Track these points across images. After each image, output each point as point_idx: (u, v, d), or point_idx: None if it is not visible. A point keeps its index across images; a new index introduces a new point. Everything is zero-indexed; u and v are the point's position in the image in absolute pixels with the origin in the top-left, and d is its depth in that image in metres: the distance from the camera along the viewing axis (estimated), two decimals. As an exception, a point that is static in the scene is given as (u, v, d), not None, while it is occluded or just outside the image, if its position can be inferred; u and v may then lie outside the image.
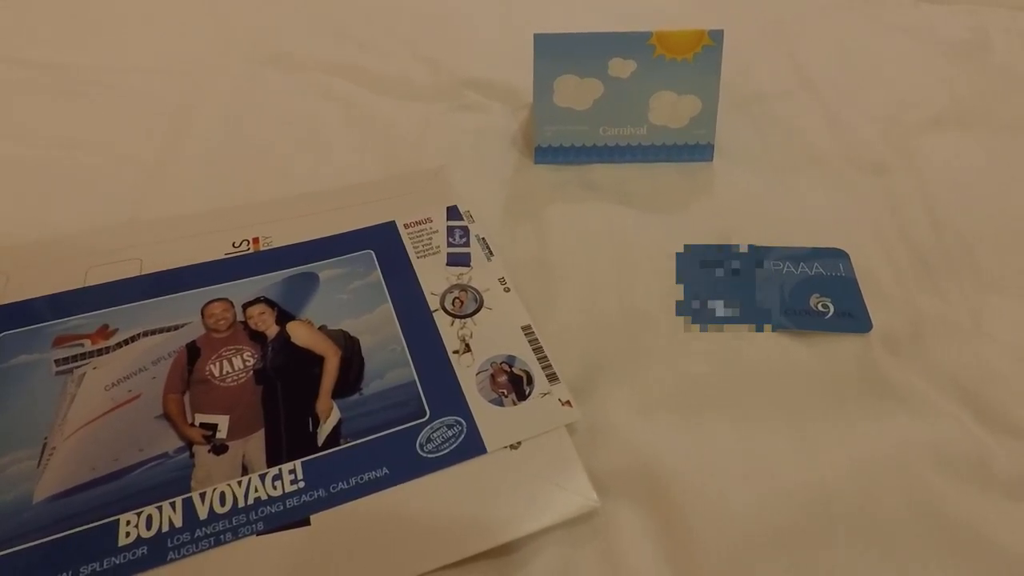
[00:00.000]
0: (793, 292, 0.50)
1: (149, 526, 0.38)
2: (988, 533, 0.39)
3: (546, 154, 0.61)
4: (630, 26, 0.62)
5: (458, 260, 0.52)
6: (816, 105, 0.69)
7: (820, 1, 0.86)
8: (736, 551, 0.38)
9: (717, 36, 0.57)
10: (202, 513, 0.38)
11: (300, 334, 0.47)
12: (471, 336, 0.47)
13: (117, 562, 0.36)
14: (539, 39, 0.57)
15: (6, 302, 0.48)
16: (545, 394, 0.44)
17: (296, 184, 0.60)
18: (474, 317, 0.49)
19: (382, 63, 0.74)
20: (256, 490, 0.39)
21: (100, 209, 0.57)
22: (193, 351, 0.46)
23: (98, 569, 0.36)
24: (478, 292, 0.50)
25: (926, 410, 0.44)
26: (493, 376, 0.45)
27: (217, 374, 0.45)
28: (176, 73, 0.72)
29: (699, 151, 0.61)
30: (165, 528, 0.37)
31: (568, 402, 0.44)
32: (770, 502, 0.40)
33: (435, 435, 0.42)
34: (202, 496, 0.39)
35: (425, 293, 0.50)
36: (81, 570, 0.36)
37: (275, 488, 0.39)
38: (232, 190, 0.59)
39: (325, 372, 0.45)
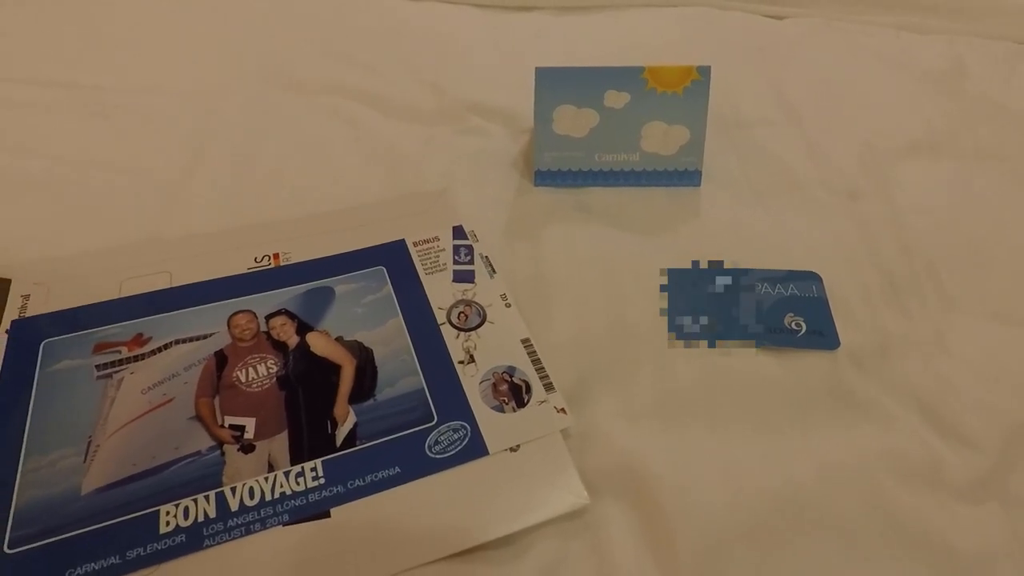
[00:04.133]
0: (769, 312, 0.54)
1: (187, 516, 0.42)
2: (939, 534, 0.43)
3: (545, 177, 0.66)
4: (620, 54, 0.66)
5: (463, 277, 0.57)
6: (797, 132, 0.73)
7: (804, 29, 0.89)
8: (711, 545, 0.42)
9: (705, 71, 0.61)
10: (233, 505, 0.43)
11: (319, 344, 0.51)
12: (475, 348, 0.52)
13: (159, 548, 0.41)
14: (540, 72, 0.61)
15: (49, 311, 0.52)
16: (542, 402, 0.49)
17: (306, 203, 0.63)
18: (478, 330, 0.53)
19: (388, 87, 0.77)
20: (281, 485, 0.44)
21: (126, 225, 0.60)
22: (221, 359, 0.50)
23: (142, 554, 0.40)
24: (481, 307, 0.54)
25: (886, 421, 0.49)
26: (495, 385, 0.50)
27: (244, 380, 0.49)
28: (192, 95, 0.74)
29: (687, 177, 0.66)
30: (201, 518, 0.42)
31: (563, 409, 0.48)
32: (742, 502, 0.44)
33: (442, 438, 0.46)
34: (233, 490, 0.43)
35: (433, 307, 0.54)
36: (127, 554, 0.40)
37: (298, 484, 0.44)
38: (247, 208, 0.62)
39: (342, 379, 0.49)
